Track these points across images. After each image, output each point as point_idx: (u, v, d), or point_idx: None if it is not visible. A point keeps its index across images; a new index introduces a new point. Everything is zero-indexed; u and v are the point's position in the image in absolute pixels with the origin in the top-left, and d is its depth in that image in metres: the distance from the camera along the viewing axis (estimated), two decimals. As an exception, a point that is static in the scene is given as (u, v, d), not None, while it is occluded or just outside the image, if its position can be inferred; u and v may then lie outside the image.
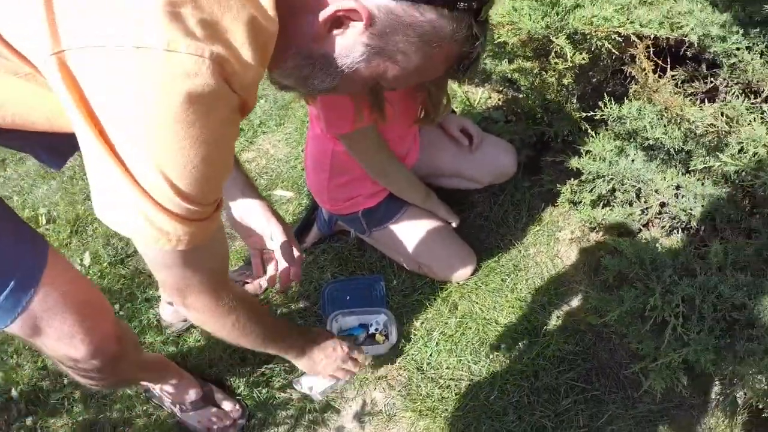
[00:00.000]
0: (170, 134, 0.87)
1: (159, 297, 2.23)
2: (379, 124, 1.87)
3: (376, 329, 2.14)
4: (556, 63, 1.97)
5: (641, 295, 1.83)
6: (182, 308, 1.26)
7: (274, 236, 1.61)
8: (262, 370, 2.10)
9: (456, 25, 1.04)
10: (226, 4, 0.87)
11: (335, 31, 1.02)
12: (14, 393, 2.14)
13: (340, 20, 1.00)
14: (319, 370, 1.75)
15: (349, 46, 1.03)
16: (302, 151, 2.77)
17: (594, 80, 2.21)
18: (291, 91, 1.20)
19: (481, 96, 2.89)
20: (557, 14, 1.92)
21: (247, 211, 1.60)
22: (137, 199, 0.92)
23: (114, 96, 0.85)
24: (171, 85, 0.83)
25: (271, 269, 1.68)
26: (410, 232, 2.21)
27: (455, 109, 2.74)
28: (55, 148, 1.35)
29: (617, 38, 1.93)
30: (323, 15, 0.97)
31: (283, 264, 1.63)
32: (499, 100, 2.82)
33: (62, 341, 1.35)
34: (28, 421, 2.09)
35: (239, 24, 0.88)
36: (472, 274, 2.27)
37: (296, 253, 1.64)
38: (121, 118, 0.86)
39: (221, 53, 0.86)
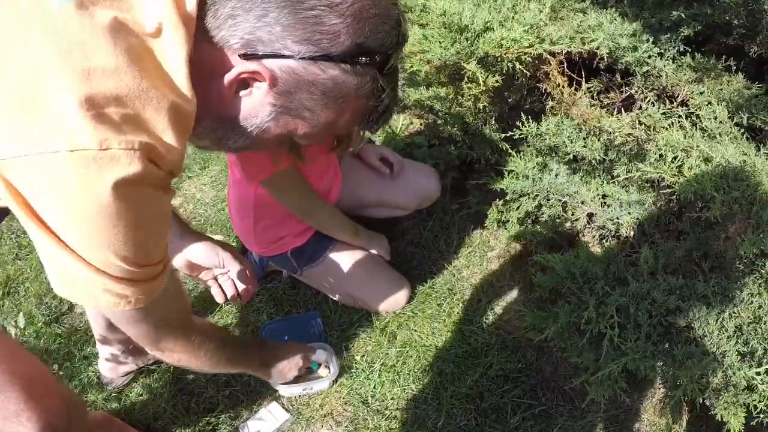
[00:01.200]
0: (110, 222, 0.93)
1: (97, 354, 2.17)
2: (299, 164, 1.87)
3: (318, 365, 2.11)
4: (469, 88, 2.00)
5: (575, 309, 1.85)
6: (157, 353, 1.37)
7: (226, 264, 1.66)
8: (208, 418, 2.06)
9: (360, 80, 1.06)
10: (146, 97, 0.93)
11: (242, 92, 1.06)
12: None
13: (245, 82, 1.04)
14: (284, 377, 1.96)
15: (256, 107, 1.07)
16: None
17: (510, 100, 2.25)
18: (209, 150, 1.28)
19: (402, 122, 2.91)
20: (467, 40, 1.95)
21: (193, 253, 1.62)
22: (91, 276, 0.99)
23: (54, 198, 0.91)
24: (105, 178, 0.89)
25: (229, 290, 1.70)
26: (341, 267, 2.20)
27: (377, 137, 2.75)
28: None
29: (528, 59, 1.97)
30: (228, 78, 1.02)
31: (240, 285, 1.70)
32: (420, 125, 2.85)
33: (9, 420, 1.32)
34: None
35: (160, 113, 0.94)
36: (407, 302, 2.28)
37: (248, 268, 1.71)
38: (65, 216, 0.93)
39: (147, 141, 0.92)
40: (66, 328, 2.38)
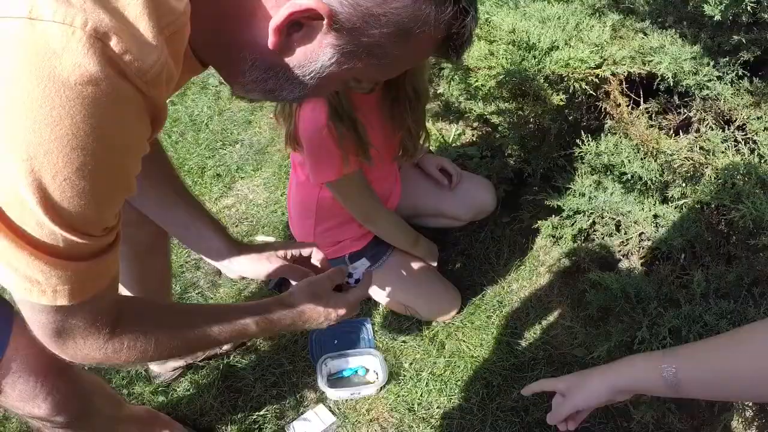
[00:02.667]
0: (31, 136, 0.66)
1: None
2: (363, 166, 1.90)
3: (366, 370, 2.14)
4: (534, 105, 2.01)
5: (628, 329, 1.85)
6: (58, 352, 0.96)
7: (290, 260, 1.49)
8: (254, 417, 2.08)
9: (438, 4, 0.86)
10: None
11: (294, 35, 0.85)
12: (0, 446, 2.10)
13: (298, 23, 0.83)
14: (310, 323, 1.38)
15: (315, 51, 0.87)
16: (281, 195, 2.78)
17: (570, 118, 2.25)
18: (259, 102, 0.98)
19: (455, 132, 2.93)
20: (534, 58, 1.96)
21: (241, 268, 1.51)
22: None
23: None
24: (31, 64, 0.64)
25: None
26: (396, 275, 2.22)
27: (431, 149, 2.77)
28: None
29: (593, 79, 1.97)
30: (276, 21, 0.81)
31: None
32: (473, 136, 2.86)
33: (25, 401, 1.36)
34: (15, 474, 2.05)
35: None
36: (457, 313, 2.29)
37: (308, 253, 1.52)
38: None
39: (103, 23, 0.66)
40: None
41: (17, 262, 0.73)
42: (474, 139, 2.84)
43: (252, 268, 1.50)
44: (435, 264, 2.34)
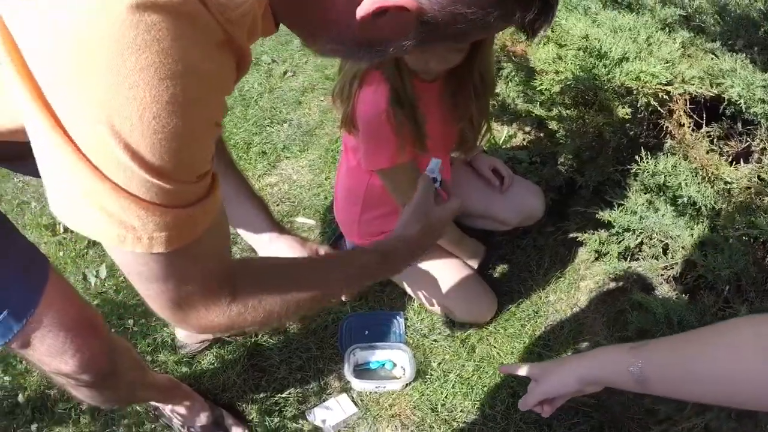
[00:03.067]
0: (114, 68, 0.61)
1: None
2: (417, 157, 1.86)
3: (394, 365, 2.11)
4: (596, 115, 1.95)
5: (666, 356, 1.80)
6: (180, 326, 0.99)
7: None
8: (276, 398, 2.07)
9: (524, 6, 0.83)
10: None
11: (379, 20, 0.81)
12: (20, 398, 2.10)
13: (384, 10, 0.79)
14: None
15: (395, 34, 0.84)
16: (326, 179, 2.75)
17: (631, 133, 2.19)
18: (330, 58, 0.99)
19: (507, 134, 2.88)
20: (605, 67, 1.91)
21: (278, 250, 1.51)
22: (84, 179, 0.67)
23: (47, 30, 0.61)
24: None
25: None
26: (435, 272, 2.18)
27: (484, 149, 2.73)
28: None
29: (663, 95, 1.92)
30: (364, 9, 0.79)
31: None
32: (524, 140, 2.81)
33: (52, 356, 1.34)
34: (33, 427, 2.05)
35: None
36: (491, 317, 2.25)
37: None
38: (50, 56, 0.62)
39: None
40: (148, 285, 2.41)
41: (112, 205, 0.69)
42: (525, 144, 2.79)
43: (290, 254, 1.49)
44: (476, 266, 2.30)
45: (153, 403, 2.01)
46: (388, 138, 1.73)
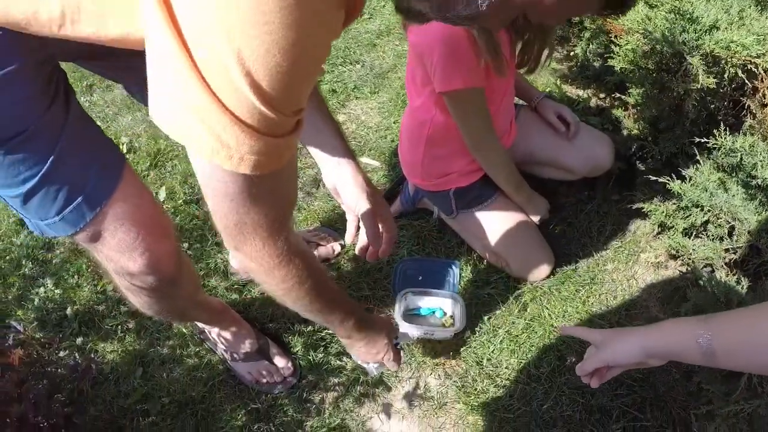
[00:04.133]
0: (254, 2, 0.68)
1: (233, 244, 2.21)
2: (488, 85, 1.84)
3: (444, 313, 2.10)
4: (683, 82, 1.89)
5: (722, 338, 1.76)
6: (232, 249, 1.08)
7: (362, 218, 1.51)
8: (322, 334, 2.09)
9: None
10: None
11: None
12: (69, 312, 2.15)
13: None
14: (355, 353, 1.64)
15: None
16: (394, 122, 2.74)
17: (712, 106, 2.12)
18: (414, 21, 0.93)
19: (581, 98, 2.81)
20: (695, 32, 1.84)
21: (340, 180, 1.50)
22: (195, 94, 0.74)
23: None
24: None
25: (363, 238, 1.55)
26: (496, 222, 2.17)
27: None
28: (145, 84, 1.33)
29: (752, 68, 1.84)
30: None
31: (364, 241, 1.54)
32: (598, 105, 2.75)
33: (122, 252, 1.34)
34: (78, 341, 2.10)
35: None
36: (547, 277, 2.23)
37: (387, 230, 1.55)
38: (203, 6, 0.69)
39: None
40: (205, 211, 2.44)
41: (215, 121, 0.76)
42: (598, 109, 2.73)
43: (351, 190, 1.50)
44: (538, 221, 2.27)
45: (200, 325, 2.04)
46: (465, 56, 1.73)
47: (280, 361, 2.01)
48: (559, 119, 2.25)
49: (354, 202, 1.50)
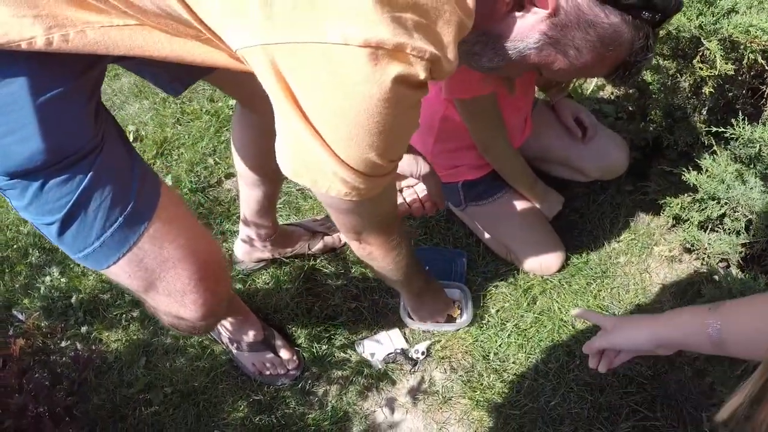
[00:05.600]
0: (378, 119, 0.93)
1: (235, 232, 2.19)
2: (500, 93, 1.80)
3: (453, 302, 2.06)
4: (700, 68, 1.82)
5: (736, 337, 1.70)
6: (353, 242, 1.42)
7: (424, 175, 1.63)
8: (326, 325, 2.06)
9: (635, 34, 1.05)
10: (441, 10, 0.91)
11: (516, 14, 1.04)
12: (74, 300, 2.14)
13: (523, 3, 1.02)
14: (421, 315, 2.00)
15: (526, 31, 1.05)
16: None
17: (729, 94, 2.05)
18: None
19: (595, 85, 2.75)
20: (713, 15, 1.77)
21: None
22: (333, 166, 0.99)
23: (327, 89, 0.90)
24: (389, 74, 0.88)
25: (410, 198, 1.71)
26: (505, 216, 2.12)
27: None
28: (178, 77, 1.31)
29: (772, 54, 1.78)
30: None
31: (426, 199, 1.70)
32: (612, 93, 2.68)
33: (173, 297, 1.30)
34: (83, 329, 2.09)
35: (450, 27, 0.93)
36: (557, 270, 2.18)
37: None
38: (333, 108, 0.93)
39: (435, 53, 0.91)
40: (210, 200, 2.42)
41: (347, 177, 1.02)
42: (613, 97, 2.66)
43: (407, 162, 1.62)
44: (550, 216, 2.22)
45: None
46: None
47: (284, 353, 1.98)
48: (576, 121, 2.19)
49: (412, 165, 1.62)
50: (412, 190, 1.68)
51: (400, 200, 1.67)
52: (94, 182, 1.11)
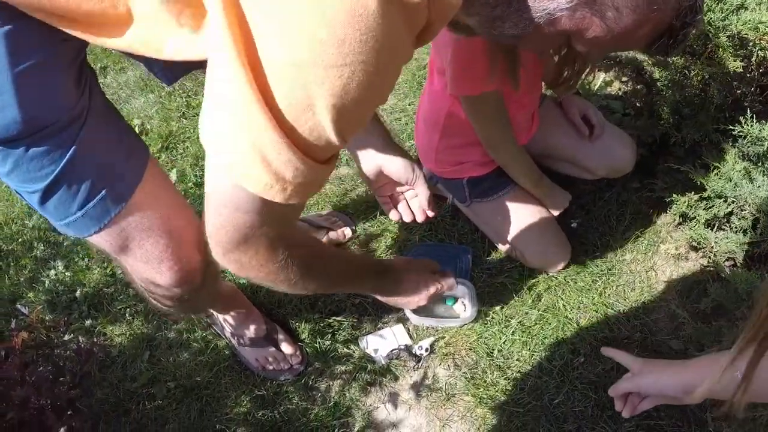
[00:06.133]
0: (356, 47, 0.73)
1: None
2: (504, 90, 1.78)
3: (455, 300, 2.05)
4: (708, 65, 1.81)
5: (743, 336, 1.69)
6: (223, 258, 1.05)
7: (417, 185, 1.54)
8: (330, 320, 2.05)
9: None
10: None
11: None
12: (78, 294, 2.14)
13: None
14: (403, 304, 1.63)
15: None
16: (409, 104, 2.68)
17: (738, 92, 2.04)
18: (462, 34, 1.02)
19: (603, 81, 2.73)
20: (721, 11, 1.76)
21: (392, 164, 1.50)
22: (261, 130, 0.77)
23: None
24: None
25: (406, 212, 1.60)
26: (511, 213, 2.10)
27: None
28: (170, 65, 1.30)
29: (782, 51, 1.76)
30: None
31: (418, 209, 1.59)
32: (620, 89, 2.66)
33: (149, 264, 1.29)
34: (87, 323, 2.10)
35: None
36: (562, 268, 2.16)
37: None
38: (297, 25, 0.72)
39: None
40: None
41: (277, 157, 0.80)
42: (621, 93, 2.64)
43: (401, 163, 1.50)
44: (556, 213, 2.20)
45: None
46: (479, 63, 1.64)
47: (287, 348, 1.97)
48: (583, 119, 2.17)
49: (408, 173, 1.50)
50: (402, 197, 1.63)
51: (393, 212, 1.61)
52: (77, 155, 1.11)
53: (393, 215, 1.58)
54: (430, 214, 1.59)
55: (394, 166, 1.49)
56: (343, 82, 0.74)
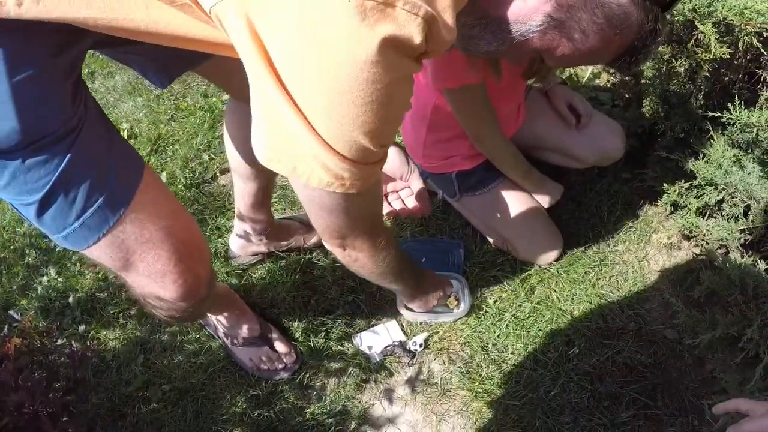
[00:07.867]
0: (367, 88, 0.85)
1: (231, 227, 2.18)
2: (488, 82, 1.78)
3: (449, 295, 2.04)
4: (695, 52, 1.81)
5: (737, 323, 1.69)
6: (337, 249, 1.31)
7: (412, 179, 1.61)
8: (323, 319, 2.05)
9: (644, 16, 0.98)
10: None
11: None
12: (71, 300, 2.13)
13: None
14: (417, 304, 1.96)
15: (529, 13, 0.98)
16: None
17: (726, 79, 2.04)
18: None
19: (591, 73, 2.73)
20: (706, -2, 1.76)
21: (388, 158, 1.51)
22: (315, 148, 0.91)
23: (310, 50, 0.83)
24: (376, 32, 0.81)
25: (398, 205, 1.66)
26: (501, 205, 2.10)
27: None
28: (164, 68, 1.28)
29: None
30: None
31: (412, 203, 1.65)
32: (608, 81, 2.66)
33: (152, 278, 1.28)
34: (81, 328, 2.09)
35: None
36: (555, 260, 2.16)
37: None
38: (315, 74, 0.85)
39: (431, 13, 0.83)
40: (205, 195, 2.42)
41: (333, 165, 0.94)
42: (608, 85, 2.64)
43: (399, 158, 1.59)
44: (546, 205, 2.19)
45: (201, 311, 2.00)
46: (459, 57, 1.64)
47: (281, 348, 1.97)
48: (569, 108, 2.15)
49: (403, 166, 1.59)
50: (396, 194, 1.65)
51: (385, 205, 1.64)
52: (73, 163, 1.10)
53: (384, 209, 1.63)
54: (422, 207, 1.64)
55: (391, 159, 1.51)
56: (368, 117, 0.89)
